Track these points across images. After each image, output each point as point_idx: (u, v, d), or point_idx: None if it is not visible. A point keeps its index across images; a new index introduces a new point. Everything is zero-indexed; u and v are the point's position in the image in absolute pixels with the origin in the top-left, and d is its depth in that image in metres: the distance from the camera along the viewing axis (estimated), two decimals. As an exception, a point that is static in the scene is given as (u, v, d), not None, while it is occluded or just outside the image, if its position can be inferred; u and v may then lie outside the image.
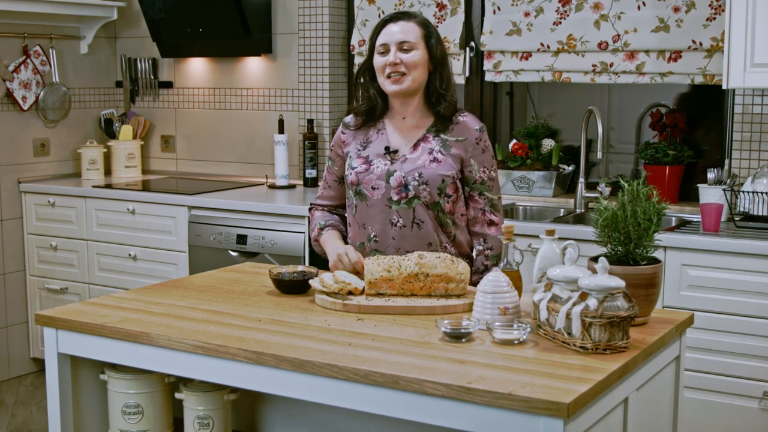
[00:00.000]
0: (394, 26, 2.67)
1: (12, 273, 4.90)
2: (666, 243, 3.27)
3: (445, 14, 4.35)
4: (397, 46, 2.65)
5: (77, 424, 2.47)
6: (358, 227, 2.79)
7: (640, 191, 2.23)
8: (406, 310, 2.38)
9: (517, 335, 2.11)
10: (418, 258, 2.47)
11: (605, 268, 2.05)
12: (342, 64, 4.75)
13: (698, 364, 3.31)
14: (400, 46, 2.65)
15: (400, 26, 2.66)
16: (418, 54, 2.65)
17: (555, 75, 4.10)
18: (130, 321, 2.33)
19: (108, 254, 4.67)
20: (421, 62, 2.66)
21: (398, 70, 2.65)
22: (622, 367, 1.97)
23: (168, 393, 2.49)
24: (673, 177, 3.89)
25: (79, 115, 5.20)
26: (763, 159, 3.68)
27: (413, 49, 2.65)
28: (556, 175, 4.14)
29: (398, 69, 2.65)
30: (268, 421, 2.59)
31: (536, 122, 4.36)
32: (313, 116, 4.73)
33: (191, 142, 5.20)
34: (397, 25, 2.67)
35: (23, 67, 4.85)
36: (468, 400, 1.83)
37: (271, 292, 2.62)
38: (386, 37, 2.66)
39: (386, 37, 2.66)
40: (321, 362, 1.99)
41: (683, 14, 3.77)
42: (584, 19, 3.98)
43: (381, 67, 2.67)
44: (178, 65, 5.17)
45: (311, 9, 4.68)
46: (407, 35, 2.65)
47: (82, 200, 4.73)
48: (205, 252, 4.33)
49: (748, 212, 3.49)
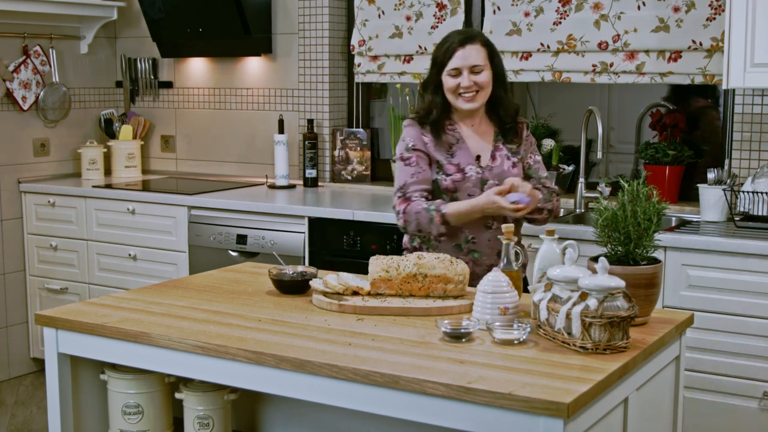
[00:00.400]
0: (464, 51, 2.85)
1: (12, 273, 4.90)
2: (666, 243, 3.27)
3: (445, 14, 4.35)
4: (469, 70, 2.84)
5: (77, 424, 2.47)
6: (454, 229, 2.84)
7: (640, 191, 2.23)
8: (401, 311, 2.38)
9: (517, 335, 2.11)
10: (417, 258, 2.47)
11: (605, 268, 2.05)
12: (342, 64, 4.75)
13: (698, 364, 3.30)
14: (472, 69, 2.84)
15: (469, 51, 2.85)
16: (487, 74, 2.86)
17: (555, 75, 4.10)
18: (130, 321, 2.33)
19: (108, 254, 4.67)
20: (489, 80, 2.88)
21: (472, 90, 2.85)
22: (622, 367, 1.97)
23: (168, 393, 2.49)
24: (673, 177, 3.89)
25: (79, 115, 5.20)
26: (763, 159, 3.68)
27: (483, 70, 2.85)
28: (556, 175, 4.14)
29: (472, 89, 2.85)
30: (268, 421, 2.59)
31: (536, 122, 4.36)
32: (313, 116, 4.73)
33: (191, 142, 5.20)
34: (467, 50, 2.85)
35: (23, 67, 4.85)
36: (468, 400, 1.83)
37: (271, 292, 2.62)
38: (458, 61, 2.84)
39: (458, 61, 2.84)
40: (321, 362, 1.99)
41: (683, 14, 3.77)
42: (584, 19, 3.98)
43: (453, 88, 2.86)
44: (178, 65, 5.17)
45: (311, 9, 4.68)
46: (477, 59, 2.85)
47: (82, 200, 4.73)
48: (205, 252, 4.33)
49: (748, 212, 3.49)
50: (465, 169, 2.88)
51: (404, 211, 2.82)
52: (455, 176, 2.87)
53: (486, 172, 2.90)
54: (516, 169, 2.94)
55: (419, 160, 2.88)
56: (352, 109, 4.81)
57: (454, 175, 2.87)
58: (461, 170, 2.88)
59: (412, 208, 2.81)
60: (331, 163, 4.73)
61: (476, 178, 2.88)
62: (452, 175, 2.87)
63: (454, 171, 2.88)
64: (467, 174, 2.88)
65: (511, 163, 2.94)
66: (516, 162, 2.95)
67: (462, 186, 2.87)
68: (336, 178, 4.71)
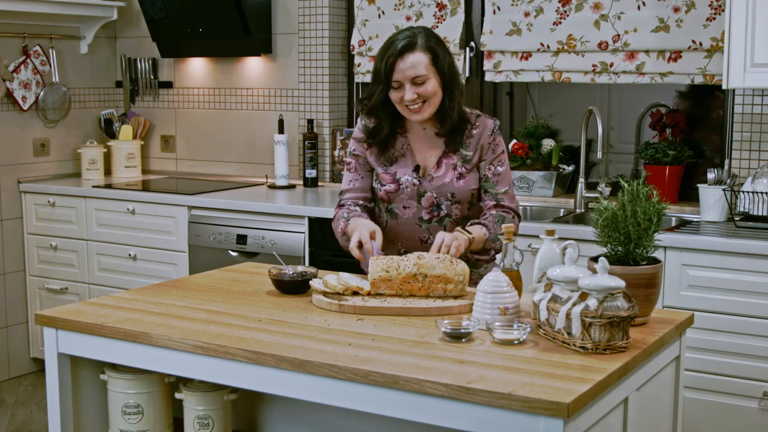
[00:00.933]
0: (403, 62, 2.63)
1: (12, 273, 4.90)
2: (666, 243, 3.27)
3: (445, 14, 4.35)
4: (410, 82, 2.64)
5: (77, 424, 2.47)
6: (387, 241, 2.79)
7: (640, 191, 2.23)
8: (401, 311, 2.38)
9: (517, 335, 2.11)
10: (417, 258, 2.47)
11: (605, 268, 2.05)
12: (342, 64, 4.75)
13: (698, 364, 3.31)
14: (413, 81, 2.63)
15: (409, 61, 2.63)
16: (431, 83, 2.65)
17: (555, 75, 4.10)
18: (130, 321, 2.33)
19: (108, 254, 4.67)
20: (435, 89, 2.67)
21: (417, 103, 2.66)
22: (622, 367, 1.97)
23: (168, 393, 2.49)
24: (673, 177, 3.89)
25: (79, 115, 5.20)
26: (763, 159, 3.68)
27: (426, 81, 2.64)
28: (556, 175, 4.14)
29: (417, 102, 2.66)
30: (268, 421, 2.59)
31: (536, 122, 4.36)
32: (313, 116, 4.73)
33: (191, 142, 5.20)
34: (405, 61, 2.63)
35: (23, 67, 4.85)
36: (468, 400, 1.83)
37: (271, 292, 2.62)
38: (398, 74, 2.64)
39: (398, 74, 2.64)
40: (321, 362, 1.99)
41: (683, 14, 3.77)
42: (584, 19, 3.98)
43: (398, 100, 2.67)
44: (178, 65, 5.17)
45: (311, 9, 4.68)
46: (417, 69, 2.63)
47: (82, 200, 4.73)
48: (205, 252, 4.33)
49: (748, 212, 3.49)
50: (401, 179, 2.76)
51: (334, 216, 2.85)
52: (389, 187, 2.77)
53: (425, 183, 2.75)
54: (462, 181, 2.74)
55: (358, 167, 2.83)
56: (352, 109, 4.81)
57: (388, 186, 2.77)
58: (396, 180, 2.76)
59: (337, 216, 2.82)
60: (331, 163, 4.73)
61: (412, 190, 2.75)
62: (386, 186, 2.77)
63: (389, 181, 2.77)
64: (402, 185, 2.76)
65: (457, 174, 2.74)
66: (465, 173, 2.75)
67: (396, 197, 2.77)
68: (336, 178, 4.71)
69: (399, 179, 2.76)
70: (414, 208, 2.77)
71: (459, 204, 2.76)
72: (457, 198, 2.75)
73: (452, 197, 2.75)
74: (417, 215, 2.77)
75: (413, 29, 2.70)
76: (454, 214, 2.76)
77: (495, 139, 2.77)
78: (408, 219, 2.79)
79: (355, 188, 2.85)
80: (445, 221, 2.77)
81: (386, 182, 2.78)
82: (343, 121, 4.80)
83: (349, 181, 2.86)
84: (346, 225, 2.75)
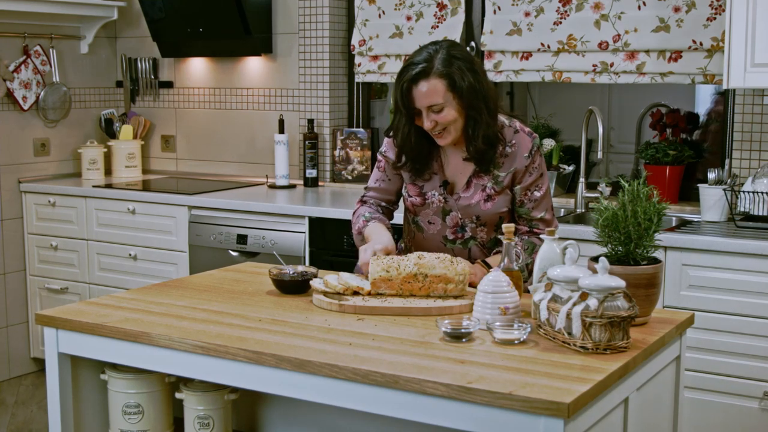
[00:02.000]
0: (417, 91, 2.53)
1: (12, 273, 4.90)
2: (666, 243, 3.27)
3: (446, 14, 4.35)
4: (427, 110, 2.54)
5: (77, 424, 2.47)
6: (412, 250, 2.77)
7: (641, 191, 2.23)
8: (402, 311, 2.38)
9: (517, 335, 2.11)
10: (417, 258, 2.47)
11: (605, 268, 2.05)
12: (342, 64, 4.75)
13: (698, 364, 3.30)
14: (430, 109, 2.54)
15: (424, 88, 2.52)
16: (449, 111, 2.54)
17: (555, 75, 4.09)
18: (130, 321, 2.33)
19: (108, 254, 4.67)
20: (454, 116, 2.55)
21: (438, 131, 2.57)
22: (623, 367, 1.97)
23: (168, 393, 2.49)
24: (674, 177, 3.89)
25: (79, 115, 5.20)
26: (763, 159, 3.68)
27: (443, 108, 2.53)
28: (556, 175, 4.14)
29: (437, 130, 2.57)
30: (268, 421, 2.59)
31: (536, 122, 4.36)
32: (314, 116, 4.73)
33: (191, 142, 5.20)
34: (420, 89, 2.52)
35: (23, 67, 4.85)
36: (468, 400, 1.83)
37: (271, 292, 2.62)
38: (416, 101, 2.55)
39: (416, 101, 2.55)
40: (321, 362, 1.99)
41: (683, 14, 3.77)
42: (584, 19, 3.98)
43: (421, 124, 2.59)
44: (178, 65, 5.17)
45: (311, 9, 4.68)
46: (432, 98, 2.52)
47: (82, 200, 4.73)
48: (205, 252, 4.33)
49: (748, 212, 3.49)
50: (427, 194, 2.70)
51: (354, 211, 2.83)
52: (415, 199, 2.72)
53: (451, 201, 2.68)
54: (490, 204, 2.65)
55: (387, 168, 2.78)
56: (352, 109, 4.81)
57: (414, 198, 2.72)
58: (422, 195, 2.71)
59: (359, 212, 2.80)
60: (332, 163, 4.73)
61: (437, 206, 2.69)
62: (412, 198, 2.73)
63: (416, 194, 2.72)
64: (428, 200, 2.70)
65: (486, 195, 2.65)
66: (494, 194, 2.65)
67: (421, 211, 2.72)
68: (336, 178, 4.71)
69: (425, 193, 2.70)
70: (439, 225, 2.72)
71: (485, 227, 2.69)
72: (483, 221, 2.67)
73: (477, 220, 2.67)
74: (441, 233, 2.73)
75: (435, 46, 2.57)
76: (479, 237, 2.70)
77: (534, 162, 2.63)
78: (433, 235, 2.74)
79: (380, 189, 2.82)
80: (470, 243, 2.71)
81: (413, 194, 2.72)
82: (344, 121, 4.80)
83: (375, 180, 2.82)
84: (365, 225, 2.73)
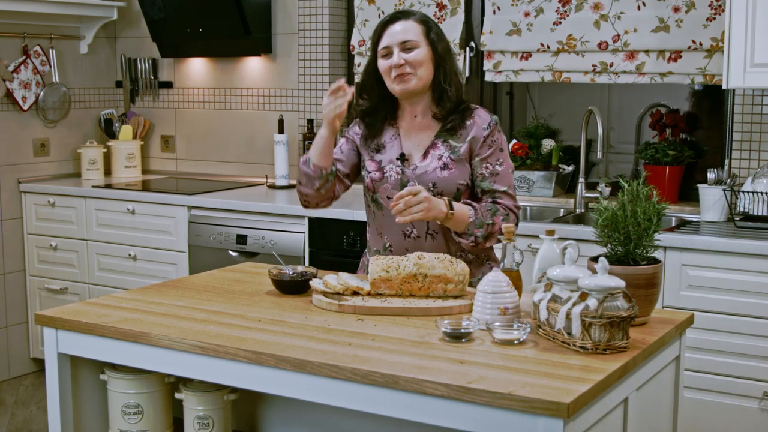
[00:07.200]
0: (394, 27, 2.61)
1: (12, 273, 4.90)
2: (666, 243, 3.27)
3: (445, 14, 4.35)
4: (400, 47, 2.59)
5: (77, 424, 2.47)
6: (376, 234, 2.77)
7: (640, 191, 2.23)
8: (401, 311, 2.38)
9: (517, 335, 2.11)
10: (417, 258, 2.47)
11: (605, 268, 2.05)
12: (342, 64, 4.75)
13: (698, 364, 3.31)
14: (403, 46, 2.59)
15: (400, 26, 2.60)
16: (421, 52, 2.59)
17: (555, 75, 4.09)
18: (130, 321, 2.33)
19: (108, 254, 4.67)
20: (425, 59, 2.60)
21: (404, 70, 2.59)
22: (622, 367, 1.97)
23: (168, 393, 2.49)
24: (673, 177, 3.89)
25: (79, 115, 5.20)
26: (763, 159, 3.68)
27: (416, 48, 2.59)
28: (556, 175, 4.14)
29: (404, 69, 2.59)
30: (268, 421, 2.59)
31: (536, 122, 4.36)
32: (313, 116, 4.73)
33: (191, 142, 5.20)
34: (397, 26, 2.61)
35: (23, 67, 4.85)
36: (468, 400, 1.83)
37: (271, 292, 2.62)
38: (388, 39, 2.61)
39: (388, 39, 2.61)
40: (321, 362, 1.99)
41: (683, 14, 3.77)
42: (584, 19, 3.98)
43: (386, 70, 2.62)
44: (178, 65, 5.17)
45: (311, 9, 4.68)
46: (408, 34, 2.59)
47: (82, 200, 4.73)
48: (205, 252, 4.33)
49: (748, 212, 3.49)
50: (385, 168, 2.69)
51: None
52: (374, 174, 2.70)
53: (408, 172, 2.65)
54: (447, 172, 2.62)
55: (344, 145, 2.81)
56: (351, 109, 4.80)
57: (373, 174, 2.70)
58: (381, 168, 2.70)
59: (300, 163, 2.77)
60: (331, 163, 4.73)
61: (395, 179, 2.67)
62: (371, 173, 2.71)
63: (374, 168, 2.71)
64: (386, 173, 2.69)
65: (442, 164, 2.62)
66: (450, 164, 2.62)
67: (380, 186, 2.69)
68: (336, 178, 4.71)
69: (384, 167, 2.69)
70: None
71: (442, 197, 2.60)
72: (440, 189, 2.62)
73: (434, 187, 2.62)
74: None
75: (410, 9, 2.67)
76: None
77: (492, 135, 2.64)
78: None
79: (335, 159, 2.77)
80: None
81: (372, 169, 2.71)
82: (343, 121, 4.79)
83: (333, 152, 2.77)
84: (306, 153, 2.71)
